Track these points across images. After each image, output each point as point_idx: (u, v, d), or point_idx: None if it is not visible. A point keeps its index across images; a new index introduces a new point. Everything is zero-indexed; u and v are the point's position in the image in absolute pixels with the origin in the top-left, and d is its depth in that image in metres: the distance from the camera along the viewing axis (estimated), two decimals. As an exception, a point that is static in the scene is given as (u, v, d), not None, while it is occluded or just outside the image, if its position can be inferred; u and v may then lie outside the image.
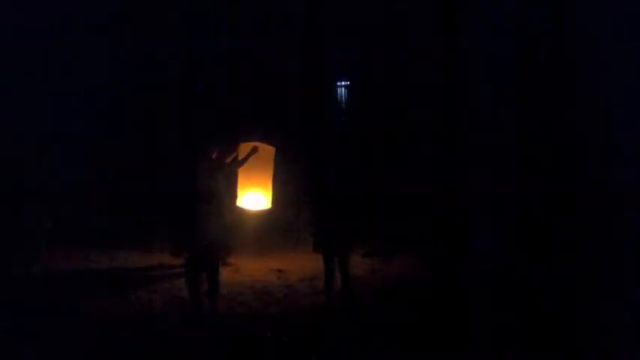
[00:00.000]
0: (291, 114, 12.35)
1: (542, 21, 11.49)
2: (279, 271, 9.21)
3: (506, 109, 11.58)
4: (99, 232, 10.55)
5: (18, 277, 8.75)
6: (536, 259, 9.09)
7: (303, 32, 12.49)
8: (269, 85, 12.29)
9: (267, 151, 8.75)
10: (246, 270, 8.98)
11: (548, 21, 11.49)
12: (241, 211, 8.93)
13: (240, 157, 8.24)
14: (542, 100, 11.39)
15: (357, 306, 7.67)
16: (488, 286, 8.42)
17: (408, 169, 11.56)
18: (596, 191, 10.49)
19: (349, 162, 11.04)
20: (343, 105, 13.48)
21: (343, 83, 13.35)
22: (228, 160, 8.04)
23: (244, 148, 8.37)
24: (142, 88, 12.18)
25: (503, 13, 11.45)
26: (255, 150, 8.28)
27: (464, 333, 7.06)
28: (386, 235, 10.26)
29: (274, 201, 8.93)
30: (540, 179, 10.90)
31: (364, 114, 12.63)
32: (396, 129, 11.96)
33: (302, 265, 9.27)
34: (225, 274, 8.08)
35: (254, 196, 8.84)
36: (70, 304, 7.86)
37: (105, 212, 11.07)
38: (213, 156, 7.69)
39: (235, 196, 8.70)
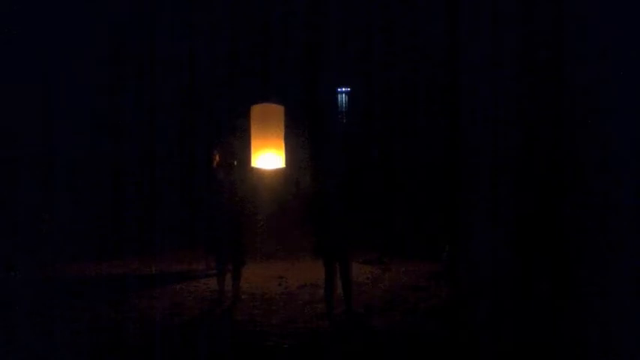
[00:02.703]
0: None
1: (542, 21, 11.48)
2: (280, 277, 9.19)
3: (506, 109, 11.57)
4: (99, 234, 10.55)
5: (17, 278, 8.75)
6: (536, 259, 9.08)
7: (302, 32, 12.50)
8: (269, 84, 12.30)
9: (277, 110, 8.68)
10: (246, 276, 8.95)
11: (548, 21, 11.48)
12: (256, 171, 8.86)
13: (252, 120, 8.21)
14: (542, 100, 11.38)
15: (358, 313, 7.65)
16: (488, 286, 8.42)
17: (408, 169, 11.57)
18: (596, 192, 10.48)
19: (350, 163, 11.03)
20: (342, 114, 13.50)
21: (344, 89, 13.36)
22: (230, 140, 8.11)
23: (255, 110, 8.33)
24: (142, 88, 12.19)
25: (503, 13, 11.44)
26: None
27: (464, 334, 7.06)
28: (385, 237, 10.25)
29: (287, 162, 8.88)
30: (540, 179, 10.90)
31: (364, 115, 12.64)
32: (396, 129, 11.96)
33: (303, 271, 9.25)
34: (225, 280, 8.09)
35: (268, 156, 8.80)
36: (69, 306, 7.87)
37: (105, 215, 11.07)
38: (218, 159, 7.76)
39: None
